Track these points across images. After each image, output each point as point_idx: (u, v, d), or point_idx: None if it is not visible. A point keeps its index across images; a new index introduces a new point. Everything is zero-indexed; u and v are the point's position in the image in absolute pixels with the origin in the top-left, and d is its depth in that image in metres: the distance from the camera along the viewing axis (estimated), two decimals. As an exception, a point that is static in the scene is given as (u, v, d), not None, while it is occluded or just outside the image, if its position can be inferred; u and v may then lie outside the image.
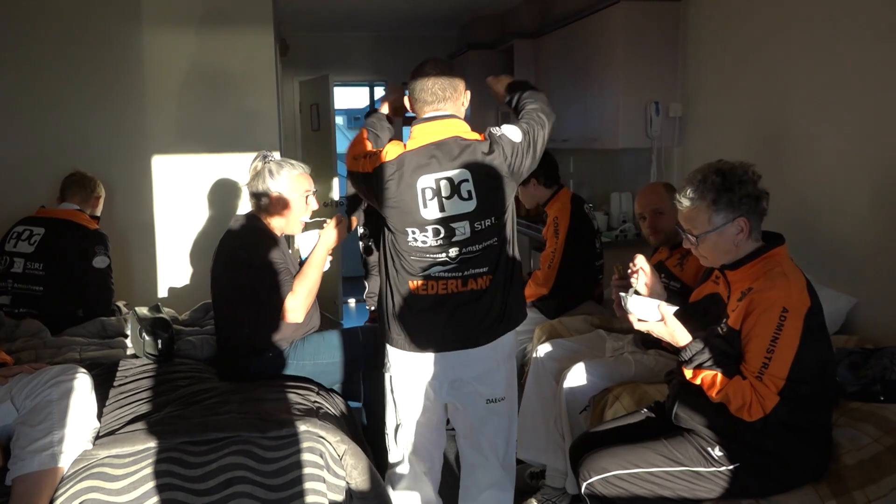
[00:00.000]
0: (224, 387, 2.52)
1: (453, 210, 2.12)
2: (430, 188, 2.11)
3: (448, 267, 2.17)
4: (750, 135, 3.55)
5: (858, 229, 2.92)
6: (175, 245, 4.24)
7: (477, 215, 2.13)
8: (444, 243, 2.15)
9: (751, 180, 1.96)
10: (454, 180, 2.10)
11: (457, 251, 2.16)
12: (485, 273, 2.19)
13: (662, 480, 2.01)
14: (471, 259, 2.18)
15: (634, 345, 2.91)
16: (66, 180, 3.49)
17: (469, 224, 2.13)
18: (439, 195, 2.11)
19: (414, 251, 2.18)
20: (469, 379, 2.24)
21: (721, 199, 1.94)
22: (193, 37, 4.15)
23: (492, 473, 2.34)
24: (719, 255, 2.01)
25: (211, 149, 4.21)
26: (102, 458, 2.05)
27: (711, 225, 1.97)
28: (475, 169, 2.12)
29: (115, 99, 4.09)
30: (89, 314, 3.21)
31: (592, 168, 5.40)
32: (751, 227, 1.96)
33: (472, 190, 2.11)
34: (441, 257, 2.16)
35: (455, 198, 2.11)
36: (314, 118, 6.55)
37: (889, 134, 2.75)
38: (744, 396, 1.84)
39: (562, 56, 5.14)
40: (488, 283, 2.20)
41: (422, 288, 2.18)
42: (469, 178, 2.11)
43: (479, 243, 2.17)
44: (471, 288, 2.18)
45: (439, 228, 2.13)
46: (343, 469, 2.14)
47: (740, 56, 3.62)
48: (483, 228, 2.15)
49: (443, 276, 2.18)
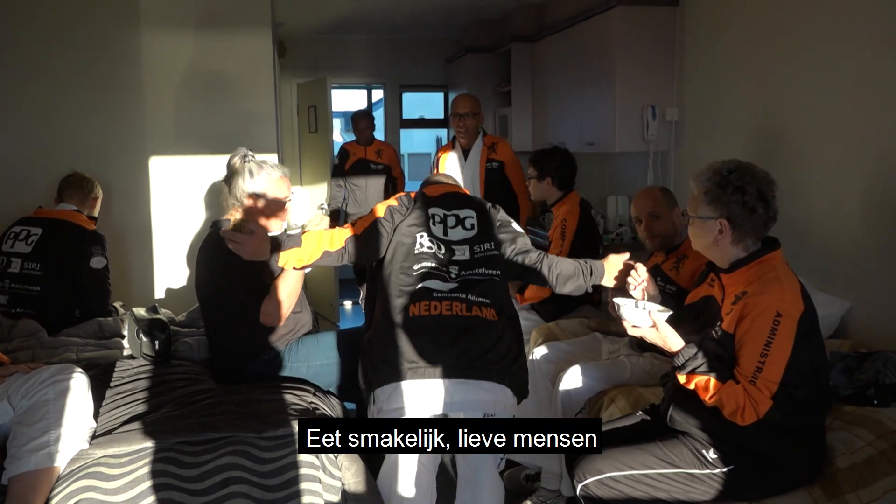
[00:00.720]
0: (220, 388, 2.52)
1: (455, 237, 2.35)
2: (438, 215, 2.37)
3: (449, 286, 2.19)
4: (745, 139, 3.57)
5: (852, 233, 2.94)
6: (172, 246, 4.24)
7: (476, 240, 2.34)
8: (445, 258, 2.26)
9: (752, 192, 1.94)
10: (460, 216, 2.39)
11: (457, 270, 2.26)
12: (489, 305, 2.19)
13: (657, 482, 2.02)
14: (473, 284, 2.22)
15: (630, 348, 2.92)
16: (64, 181, 3.49)
17: (469, 248, 2.32)
18: (445, 224, 2.36)
19: (419, 258, 2.24)
20: (469, 412, 2.13)
21: (712, 193, 1.97)
22: (191, 38, 4.16)
23: (489, 483, 2.32)
24: (700, 245, 2.06)
25: (208, 150, 4.21)
26: (99, 457, 2.05)
27: (698, 212, 2.02)
28: (480, 210, 2.42)
29: (113, 100, 4.09)
30: (86, 315, 3.21)
31: (589, 171, 5.41)
32: (734, 236, 1.97)
33: (475, 223, 2.38)
34: (441, 269, 2.22)
35: (459, 228, 2.37)
36: (312, 120, 6.56)
37: (883, 138, 2.77)
38: (737, 401, 1.85)
39: (559, 60, 5.15)
40: (496, 317, 2.19)
41: (423, 308, 2.14)
42: (474, 216, 2.39)
43: (479, 267, 2.26)
44: (476, 315, 2.15)
45: (441, 245, 2.32)
46: (339, 470, 2.15)
47: (736, 60, 3.64)
48: (482, 253, 2.27)
49: (446, 297, 2.16)
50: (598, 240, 3.61)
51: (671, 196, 2.91)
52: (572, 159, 3.60)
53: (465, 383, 2.11)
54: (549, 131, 5.37)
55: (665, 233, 2.85)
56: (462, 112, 4.31)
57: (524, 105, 5.83)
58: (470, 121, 4.30)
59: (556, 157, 3.57)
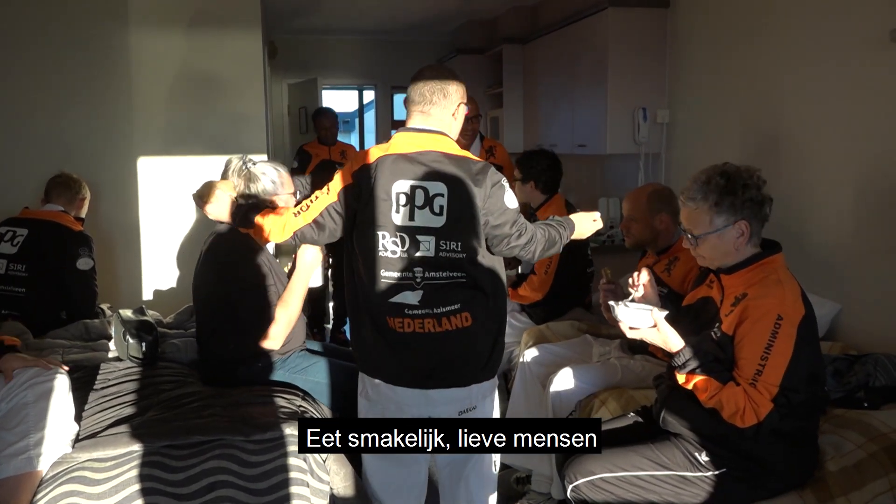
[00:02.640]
0: (208, 391, 2.49)
1: (422, 221, 2.01)
2: (404, 193, 2.01)
3: (417, 296, 2.02)
4: (737, 141, 3.57)
5: (843, 235, 2.94)
6: (160, 248, 4.21)
7: (444, 233, 2.01)
8: (407, 258, 2.01)
9: (755, 185, 1.96)
10: (429, 191, 2.01)
11: (421, 272, 2.02)
12: (460, 310, 2.03)
13: (648, 484, 2.01)
14: (438, 290, 2.02)
15: (621, 350, 2.91)
16: (51, 181, 3.45)
17: (434, 241, 2.01)
18: (412, 203, 2.01)
19: (382, 264, 2.03)
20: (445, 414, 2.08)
21: (724, 202, 1.94)
22: (181, 38, 4.13)
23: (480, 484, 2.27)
24: (718, 256, 2.01)
25: (198, 151, 4.18)
26: (83, 461, 2.02)
27: (713, 227, 1.97)
28: (453, 185, 2.01)
29: (102, 100, 4.06)
30: (73, 316, 3.18)
31: (580, 173, 5.42)
32: (752, 232, 1.96)
33: (444, 206, 2.01)
34: (407, 277, 2.02)
35: (426, 210, 2.01)
36: (303, 121, 6.54)
37: (874, 141, 2.77)
38: (737, 403, 1.84)
39: (550, 62, 5.15)
40: (470, 320, 2.04)
41: (398, 325, 2.03)
42: (444, 194, 2.01)
43: (443, 270, 2.02)
44: (446, 329, 2.02)
45: (405, 237, 2.02)
46: (328, 474, 2.12)
47: (728, 63, 3.63)
48: (448, 252, 2.02)
49: (417, 314, 2.02)
50: (587, 241, 3.58)
51: (663, 200, 2.81)
52: (558, 162, 3.54)
53: (439, 392, 2.05)
54: (541, 133, 5.36)
55: (639, 237, 2.84)
56: (471, 115, 4.06)
57: (515, 107, 5.82)
58: (476, 123, 4.16)
59: (542, 161, 3.50)
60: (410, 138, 2.07)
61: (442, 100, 2.09)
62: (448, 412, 2.06)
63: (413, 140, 2.06)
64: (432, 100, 2.09)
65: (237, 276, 2.51)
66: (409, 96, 2.13)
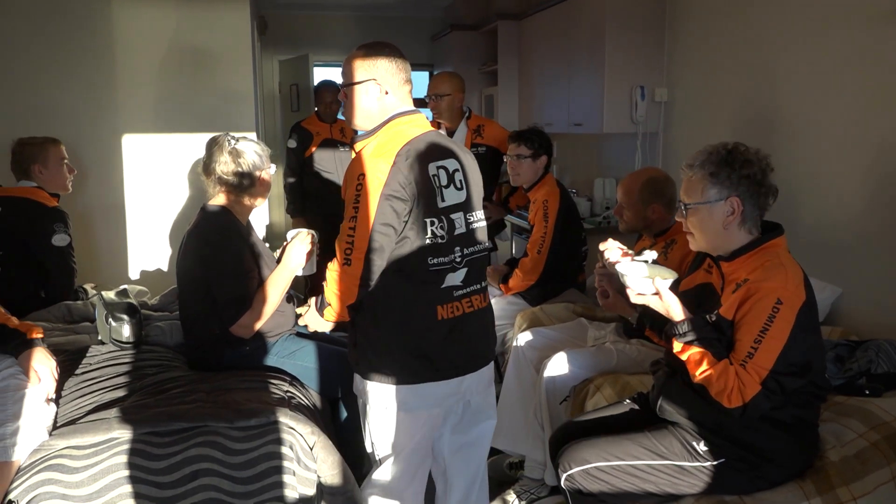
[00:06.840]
0: (193, 376, 2.43)
1: (451, 199, 1.99)
2: (435, 176, 1.97)
3: (461, 276, 2.01)
4: (736, 121, 3.50)
5: (844, 218, 2.88)
6: (147, 227, 4.13)
7: (468, 206, 2.04)
8: (449, 241, 1.98)
9: (758, 164, 1.90)
10: (448, 169, 2.00)
11: (460, 252, 2.00)
12: (486, 287, 2.14)
13: (645, 474, 1.96)
14: (475, 266, 2.04)
15: (617, 334, 2.86)
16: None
17: (463, 216, 2.01)
18: (445, 184, 1.99)
19: (431, 251, 1.95)
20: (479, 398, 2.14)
21: (720, 173, 1.88)
22: (166, 11, 4.02)
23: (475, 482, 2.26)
24: (705, 234, 1.94)
25: (185, 128, 4.09)
26: (60, 448, 1.96)
27: (704, 197, 1.90)
28: (460, 157, 2.05)
29: (85, 75, 3.96)
30: (51, 295, 3.08)
31: (576, 153, 5.34)
32: (744, 213, 1.89)
33: (463, 180, 2.03)
34: (451, 259, 1.99)
35: (451, 187, 2.00)
36: (294, 99, 6.43)
37: (877, 121, 2.71)
38: (727, 382, 1.78)
39: (546, 38, 5.05)
40: (488, 299, 2.16)
41: (450, 311, 1.99)
42: (460, 168, 2.03)
43: (475, 244, 2.05)
44: (480, 306, 2.09)
45: (444, 221, 1.98)
46: (315, 462, 2.07)
47: (727, 41, 3.56)
48: (475, 223, 2.06)
49: (465, 294, 2.02)
50: (580, 220, 3.51)
51: (656, 192, 2.73)
52: (547, 139, 3.50)
53: (488, 368, 2.14)
54: (536, 111, 5.27)
55: (632, 224, 2.82)
56: (430, 93, 3.92)
57: (511, 85, 5.72)
58: (439, 102, 3.87)
59: (544, 136, 3.46)
60: (413, 120, 2.04)
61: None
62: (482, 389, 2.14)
63: (416, 122, 2.04)
64: (409, 78, 2.11)
65: (217, 259, 2.43)
66: (406, 76, 2.09)
